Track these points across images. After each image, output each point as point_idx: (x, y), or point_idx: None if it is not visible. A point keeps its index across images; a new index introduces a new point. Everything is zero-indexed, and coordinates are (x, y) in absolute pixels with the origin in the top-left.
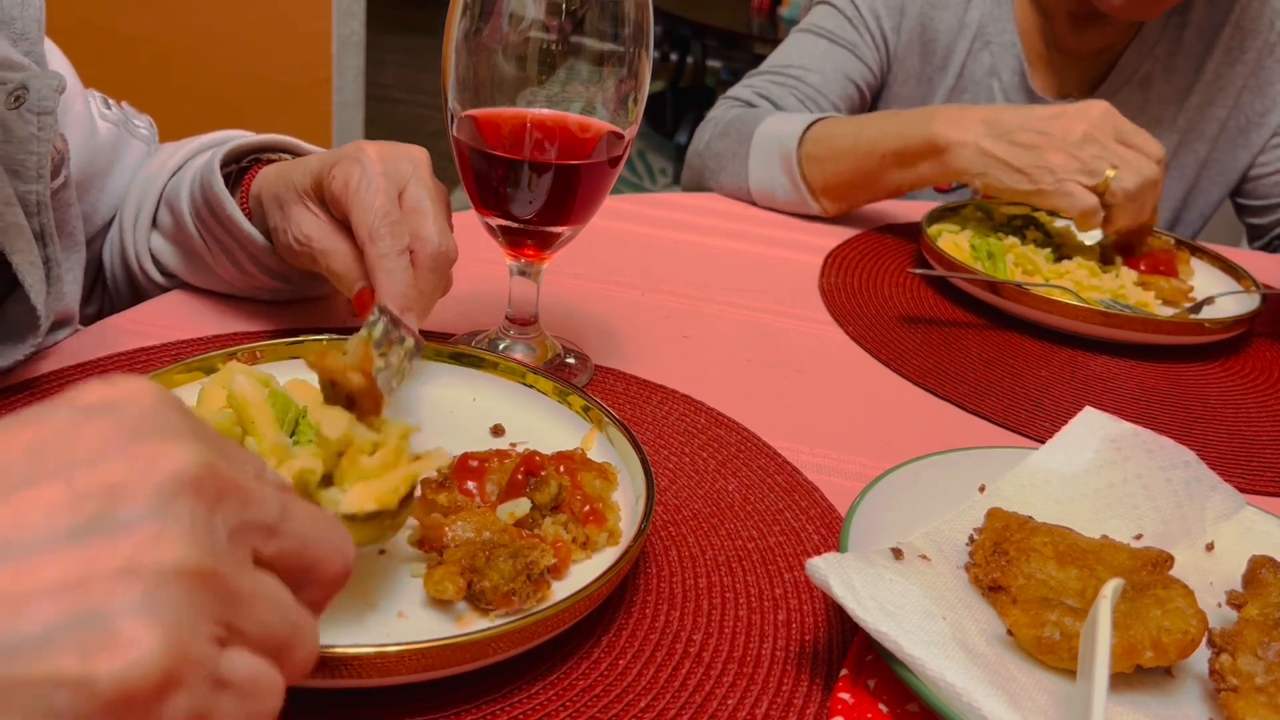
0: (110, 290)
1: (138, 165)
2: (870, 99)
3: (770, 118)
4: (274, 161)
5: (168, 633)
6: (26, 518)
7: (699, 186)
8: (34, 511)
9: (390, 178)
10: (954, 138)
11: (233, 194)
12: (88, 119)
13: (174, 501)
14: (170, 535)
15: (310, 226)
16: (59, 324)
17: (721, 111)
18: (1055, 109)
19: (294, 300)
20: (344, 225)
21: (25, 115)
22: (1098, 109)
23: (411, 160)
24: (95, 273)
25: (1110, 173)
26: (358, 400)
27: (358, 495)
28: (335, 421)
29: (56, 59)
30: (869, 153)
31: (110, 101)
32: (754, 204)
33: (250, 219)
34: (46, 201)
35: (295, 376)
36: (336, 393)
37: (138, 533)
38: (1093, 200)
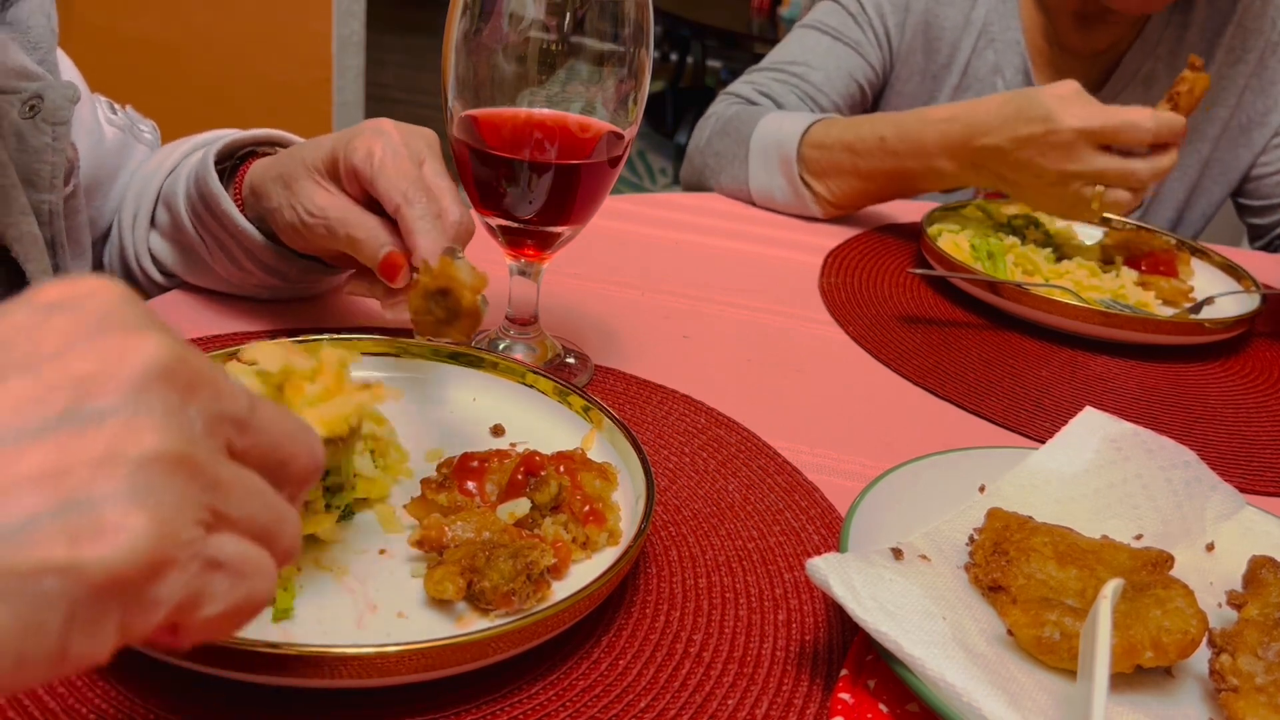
0: None
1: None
2: (873, 97)
3: (766, 118)
4: (268, 155)
5: (154, 517)
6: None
7: (699, 183)
8: (3, 406)
9: (411, 150)
10: (954, 170)
11: (226, 189)
12: (95, 125)
13: (147, 392)
14: (147, 424)
15: (324, 199)
16: None
17: (722, 108)
18: (1021, 131)
19: (292, 299)
20: (360, 200)
21: (40, 125)
22: (1065, 134)
23: (425, 139)
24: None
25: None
26: (461, 317)
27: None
28: (272, 355)
29: (66, 67)
30: (872, 176)
31: (116, 106)
32: (754, 204)
33: (244, 211)
34: (59, 210)
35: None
36: (441, 304)
37: (114, 422)
38: (1144, 173)
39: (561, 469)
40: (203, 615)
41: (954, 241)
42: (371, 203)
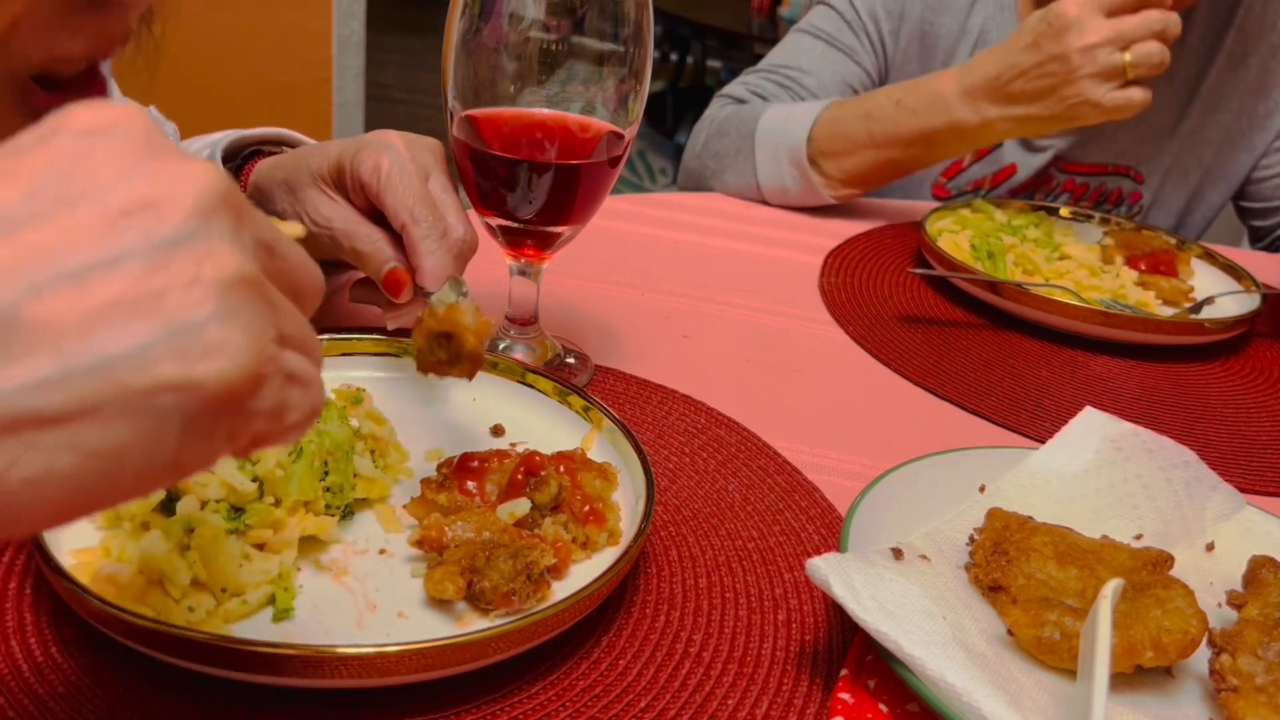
0: None
1: None
2: None
3: (769, 112)
4: (273, 154)
5: (247, 335)
6: (75, 239)
7: (698, 189)
8: (80, 233)
9: (418, 164)
10: (975, 120)
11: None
12: None
13: (213, 217)
14: (221, 249)
15: (329, 209)
16: None
17: (715, 110)
18: (1029, 39)
19: None
20: (365, 211)
21: None
22: (1070, 12)
23: (431, 152)
24: None
25: (1126, 57)
26: (463, 360)
27: None
28: None
29: (112, 90)
30: (890, 143)
31: (141, 109)
32: (763, 201)
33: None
34: None
35: None
36: (445, 347)
37: (191, 249)
38: (1138, 95)
39: (561, 469)
40: (284, 424)
41: (954, 241)
42: (376, 214)
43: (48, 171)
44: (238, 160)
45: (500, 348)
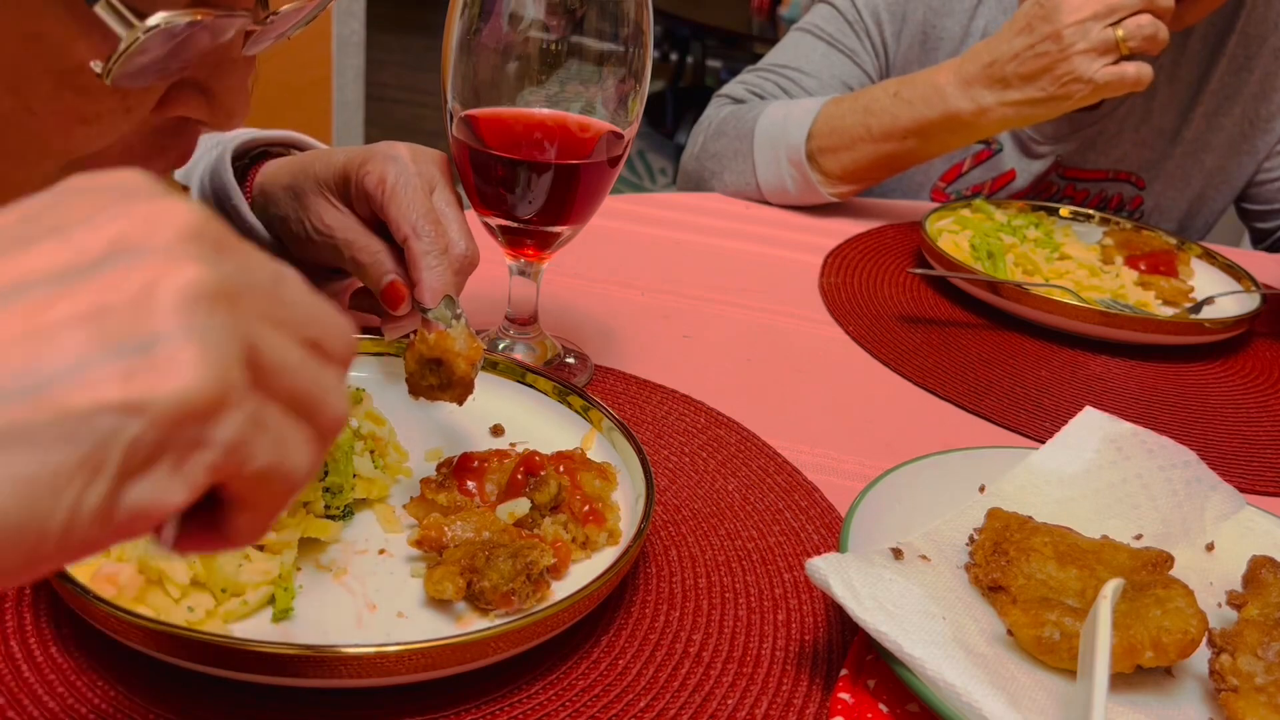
0: None
1: None
2: None
3: (768, 111)
4: (280, 156)
5: (207, 353)
6: (27, 266)
7: (698, 190)
8: (35, 261)
9: (423, 178)
10: (971, 108)
11: (239, 186)
12: None
13: (187, 242)
14: (186, 265)
15: (332, 218)
16: None
17: (714, 111)
18: (1022, 23)
19: None
20: (368, 220)
21: None
22: None
23: (437, 164)
24: None
25: (1119, 34)
26: (453, 386)
27: None
28: None
29: None
30: (887, 136)
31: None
32: (763, 201)
33: (253, 210)
34: None
35: None
36: (436, 373)
37: (152, 260)
38: (1128, 71)
39: (561, 469)
40: (250, 468)
41: (954, 241)
42: (379, 224)
43: (18, 218)
44: (246, 161)
45: (500, 348)
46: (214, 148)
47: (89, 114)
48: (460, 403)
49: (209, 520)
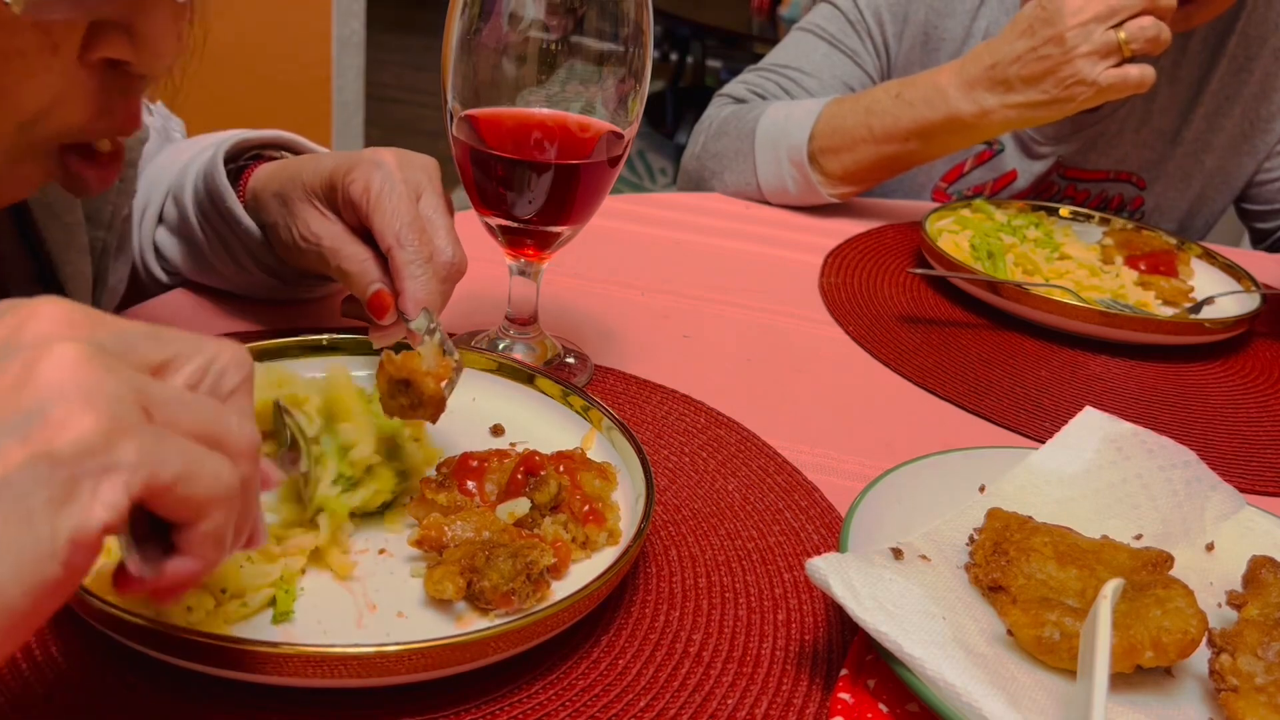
0: None
1: None
2: None
3: (770, 110)
4: (274, 159)
5: (95, 401)
6: None
7: (698, 190)
8: None
9: (409, 185)
10: (973, 110)
11: (233, 188)
12: None
13: (56, 330)
14: (61, 348)
15: (319, 226)
16: None
17: (715, 110)
18: (1024, 25)
19: (292, 300)
20: (356, 228)
21: None
22: None
23: (424, 170)
24: None
25: (1121, 36)
26: (424, 405)
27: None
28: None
29: None
30: (888, 138)
31: (149, 105)
32: (764, 201)
33: (246, 213)
34: (110, 249)
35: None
36: (406, 393)
37: (27, 354)
38: (1131, 73)
39: (561, 469)
40: (165, 477)
41: (954, 241)
42: (367, 231)
43: None
44: (239, 163)
45: (500, 348)
46: (206, 149)
47: (11, 49)
48: (433, 420)
49: (173, 552)
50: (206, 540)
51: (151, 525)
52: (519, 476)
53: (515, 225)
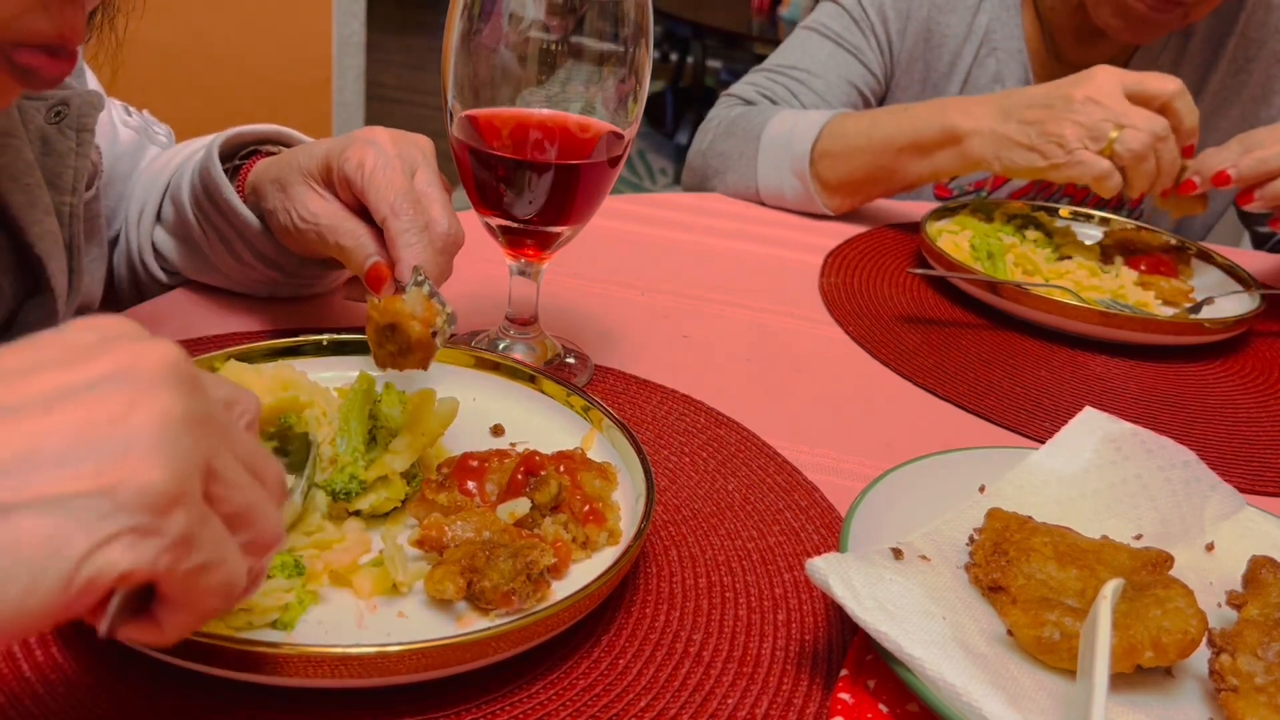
0: (115, 287)
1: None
2: (875, 104)
3: (778, 117)
4: (271, 155)
5: (172, 460)
6: (36, 387)
7: (701, 188)
8: (42, 384)
9: (404, 160)
10: (968, 126)
11: (231, 179)
12: (110, 126)
13: (163, 376)
14: (162, 393)
15: (317, 205)
16: (81, 311)
17: (723, 110)
18: (1061, 80)
19: (291, 298)
20: (352, 207)
21: (65, 131)
22: (1102, 72)
23: (419, 147)
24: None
25: (1114, 134)
26: (413, 350)
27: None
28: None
29: (89, 76)
30: (885, 148)
31: (131, 109)
32: (761, 203)
33: (245, 205)
34: (79, 214)
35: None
36: (393, 339)
37: (133, 389)
38: (1104, 165)
39: (561, 469)
40: (188, 564)
41: (954, 241)
42: (364, 210)
43: (39, 346)
44: (237, 159)
45: (500, 348)
46: (199, 150)
47: None
48: (424, 366)
49: (147, 617)
50: (187, 625)
51: None
52: (519, 476)
53: (515, 225)
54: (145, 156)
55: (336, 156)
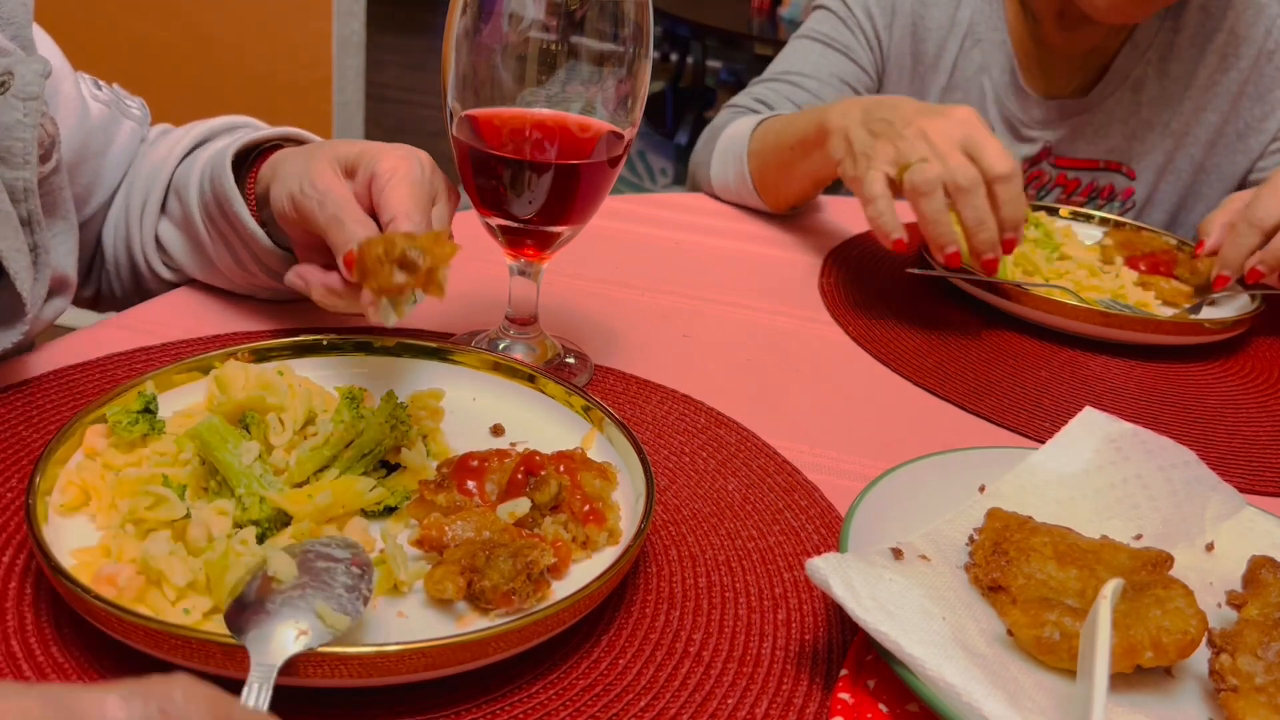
0: (111, 275)
1: (131, 145)
2: None
3: (741, 119)
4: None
5: None
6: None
7: (698, 190)
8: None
9: (431, 186)
10: (834, 124)
11: (243, 180)
12: (78, 100)
13: (192, 704)
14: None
15: (329, 180)
16: (53, 293)
17: (721, 118)
18: (930, 105)
19: (292, 300)
20: (365, 207)
21: (10, 101)
22: (959, 112)
23: (445, 183)
24: (92, 256)
25: (905, 165)
26: (435, 265)
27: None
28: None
29: (45, 44)
30: (779, 145)
31: (101, 83)
32: (730, 202)
33: (257, 206)
34: (33, 188)
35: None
36: (404, 269)
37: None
38: (877, 189)
39: (561, 469)
40: None
41: None
42: (372, 214)
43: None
44: (250, 159)
45: (500, 348)
46: (214, 132)
47: None
48: (443, 293)
49: None
50: None
51: None
52: (519, 476)
53: (515, 225)
54: (120, 131)
55: (372, 154)
